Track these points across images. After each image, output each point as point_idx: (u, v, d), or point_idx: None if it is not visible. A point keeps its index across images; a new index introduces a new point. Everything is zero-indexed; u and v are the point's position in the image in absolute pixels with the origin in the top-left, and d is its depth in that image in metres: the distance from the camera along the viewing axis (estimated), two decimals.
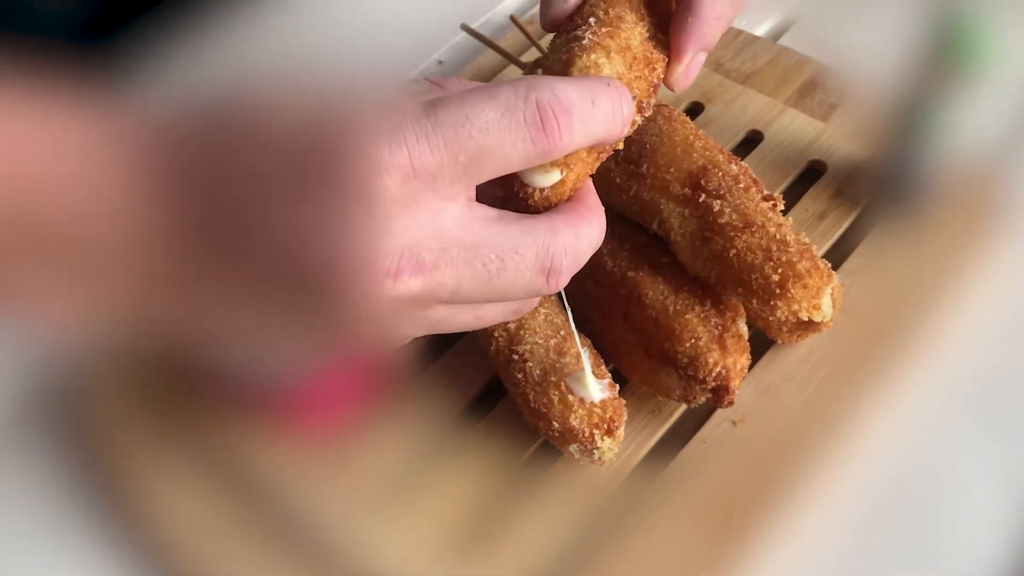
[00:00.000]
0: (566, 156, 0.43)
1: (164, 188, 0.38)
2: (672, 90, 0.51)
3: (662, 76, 0.49)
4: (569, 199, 0.45)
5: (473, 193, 0.41)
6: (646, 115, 0.48)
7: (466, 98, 0.39)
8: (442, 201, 0.39)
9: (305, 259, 0.38)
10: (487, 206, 0.42)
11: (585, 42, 0.46)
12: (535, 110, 0.40)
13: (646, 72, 0.48)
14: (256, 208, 0.38)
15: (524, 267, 0.41)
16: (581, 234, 0.44)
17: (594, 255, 0.58)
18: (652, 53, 0.48)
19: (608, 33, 0.46)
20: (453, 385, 0.60)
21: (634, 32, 0.47)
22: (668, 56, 0.50)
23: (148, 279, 0.40)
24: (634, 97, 0.46)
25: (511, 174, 0.43)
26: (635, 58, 0.47)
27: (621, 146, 0.47)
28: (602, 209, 0.46)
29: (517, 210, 0.44)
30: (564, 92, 0.41)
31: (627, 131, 0.45)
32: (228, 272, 0.40)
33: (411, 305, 0.40)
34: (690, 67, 0.51)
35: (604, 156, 0.46)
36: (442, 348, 0.62)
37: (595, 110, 0.42)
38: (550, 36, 0.51)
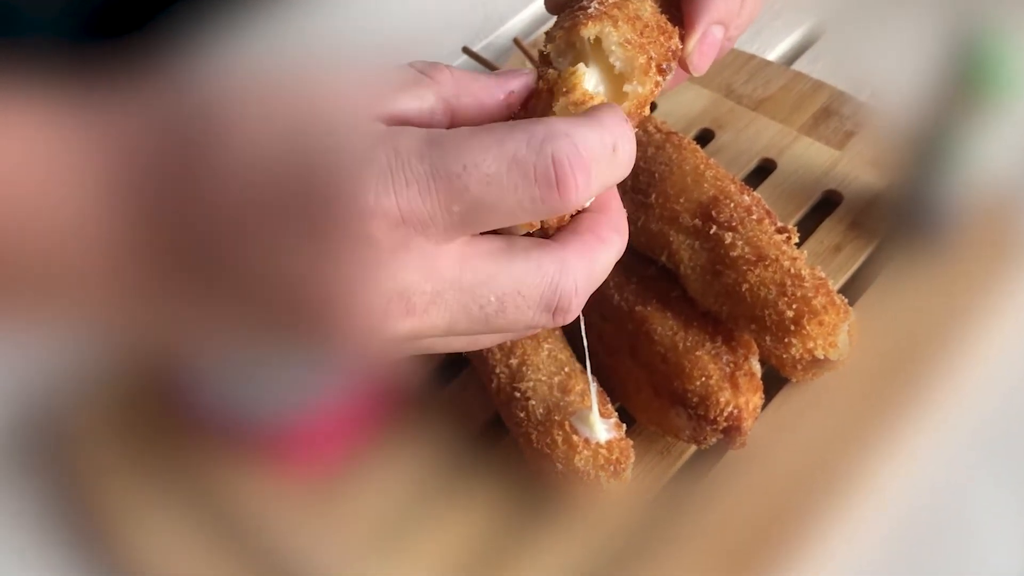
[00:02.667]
0: None
1: (137, 207, 0.37)
2: (689, 71, 0.49)
3: (680, 47, 0.47)
4: (587, 210, 0.42)
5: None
6: (668, 76, 0.46)
7: (471, 141, 0.36)
8: (435, 245, 0.37)
9: (289, 299, 0.37)
10: (493, 236, 0.39)
11: (591, 11, 0.44)
12: (549, 165, 0.36)
13: (661, 39, 0.45)
14: (238, 240, 0.37)
15: (526, 307, 0.39)
16: (597, 261, 0.41)
17: (600, 288, 0.58)
18: (666, 24, 0.46)
19: (616, 4, 0.44)
20: (453, 422, 0.60)
21: (644, 4, 0.46)
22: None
23: (125, 300, 0.39)
24: (651, 59, 0.44)
25: None
26: (646, 26, 0.45)
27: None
28: (624, 219, 0.43)
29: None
30: (584, 141, 0.37)
31: (655, 94, 0.44)
32: (207, 301, 0.39)
33: (401, 343, 0.39)
34: (705, 44, 0.48)
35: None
36: (442, 383, 0.61)
37: (615, 158, 0.39)
38: None
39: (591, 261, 0.41)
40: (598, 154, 0.37)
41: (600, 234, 0.41)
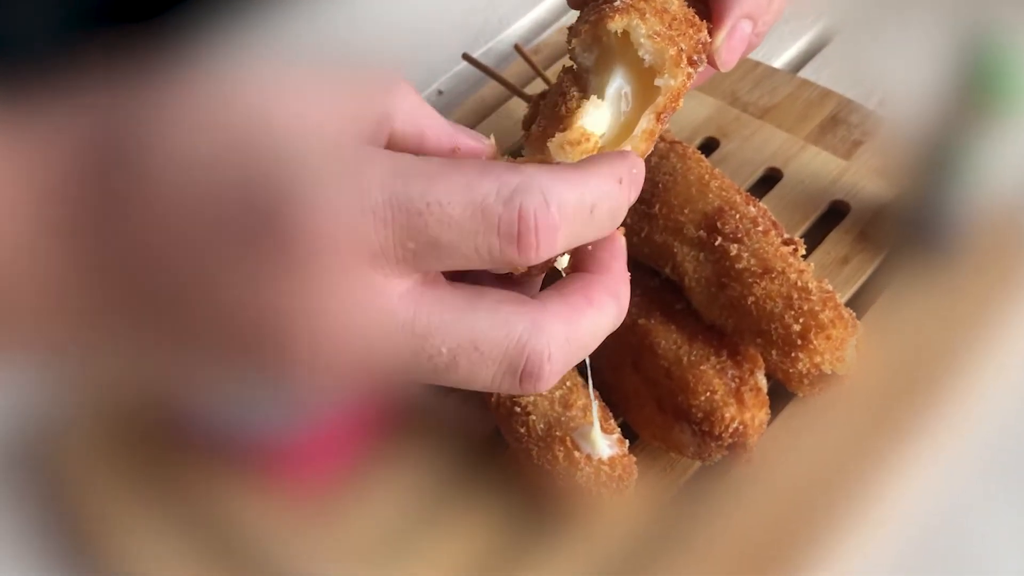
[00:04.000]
0: None
1: (71, 228, 0.35)
2: (717, 67, 0.48)
3: (708, 41, 0.46)
4: (582, 264, 0.40)
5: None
6: (699, 69, 0.45)
7: (439, 179, 0.34)
8: (385, 278, 0.35)
9: (224, 325, 0.35)
10: (456, 284, 0.37)
11: (617, 4, 0.43)
12: (514, 220, 0.34)
13: (690, 31, 0.44)
14: (171, 262, 0.35)
15: (483, 366, 0.36)
16: (581, 326, 0.38)
17: None
18: (694, 17, 0.46)
19: None
20: (452, 435, 0.60)
21: None
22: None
23: (74, 330, 0.37)
24: (681, 51, 0.43)
25: None
26: (674, 18, 0.44)
27: (681, 104, 0.44)
28: (626, 283, 0.40)
29: None
30: (559, 200, 0.35)
31: (687, 86, 0.42)
32: (149, 327, 0.37)
33: (352, 375, 0.36)
34: (734, 38, 0.47)
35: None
36: (441, 396, 0.61)
37: (592, 219, 0.36)
38: (556, 66, 0.50)
39: (573, 325, 0.37)
40: (571, 214, 0.36)
41: (590, 296, 0.38)
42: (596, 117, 0.42)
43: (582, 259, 0.40)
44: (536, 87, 0.73)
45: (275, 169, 0.34)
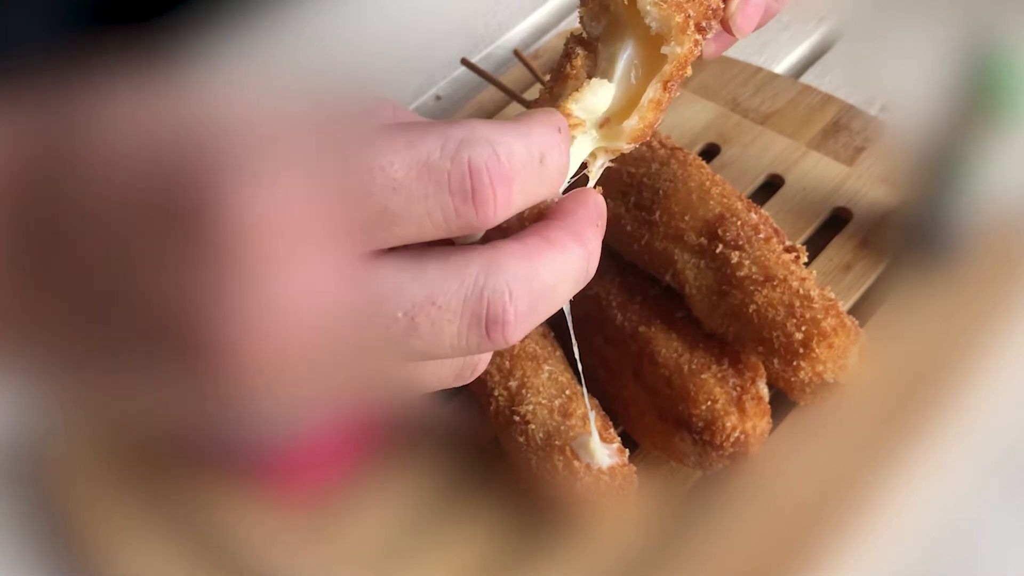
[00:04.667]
0: None
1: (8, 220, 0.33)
2: (732, 33, 0.46)
3: (721, 6, 0.45)
4: (549, 211, 0.38)
5: None
6: (709, 35, 0.44)
7: (378, 141, 0.32)
8: (331, 258, 0.32)
9: (151, 319, 0.32)
10: (399, 250, 0.34)
11: None
12: (465, 174, 0.32)
13: None
14: (94, 252, 0.32)
15: (445, 321, 0.33)
16: (542, 264, 0.35)
17: (603, 309, 0.58)
18: None
19: None
20: (451, 445, 0.60)
21: None
22: None
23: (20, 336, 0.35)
24: (688, 17, 0.42)
25: None
26: None
27: (690, 72, 0.43)
28: (592, 228, 0.38)
29: None
30: (507, 150, 0.33)
31: (694, 54, 0.41)
32: (80, 328, 0.34)
33: (298, 380, 0.33)
34: (749, 4, 0.45)
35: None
36: (439, 405, 0.61)
37: (543, 171, 0.35)
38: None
39: (533, 263, 0.35)
40: (522, 165, 0.34)
41: (547, 235, 0.36)
42: (597, 97, 0.41)
43: (549, 209, 0.38)
44: (535, 92, 0.73)
45: (200, 155, 0.31)
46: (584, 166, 0.43)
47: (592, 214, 0.38)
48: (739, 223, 0.56)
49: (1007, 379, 0.58)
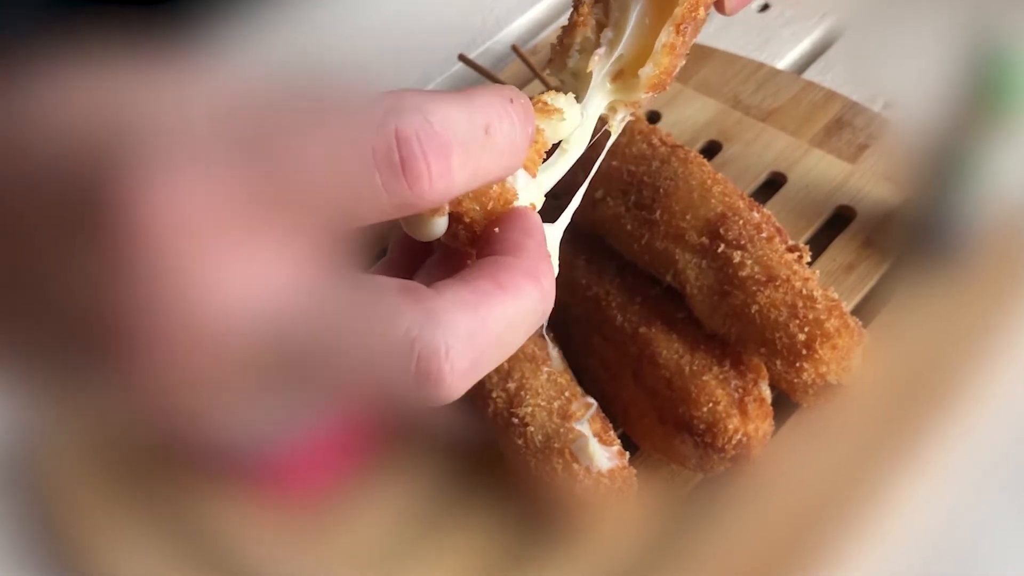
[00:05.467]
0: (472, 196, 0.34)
1: None
2: (722, 11, 0.45)
3: None
4: (490, 249, 0.35)
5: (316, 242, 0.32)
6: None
7: (292, 113, 0.30)
8: (244, 251, 0.29)
9: (71, 321, 0.30)
10: (344, 269, 0.32)
11: None
12: (391, 144, 0.29)
13: None
14: (15, 249, 0.31)
15: (363, 368, 0.30)
16: (490, 315, 0.32)
17: (602, 309, 0.58)
18: None
19: None
20: (449, 447, 0.59)
21: None
22: None
23: None
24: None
25: None
26: None
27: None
28: (546, 262, 0.35)
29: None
30: (444, 119, 0.30)
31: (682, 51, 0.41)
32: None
33: (211, 385, 0.31)
34: None
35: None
36: (436, 409, 0.61)
37: (489, 142, 0.32)
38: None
39: (479, 314, 0.31)
40: (463, 134, 0.31)
41: (499, 279, 0.32)
42: (565, 122, 0.40)
43: (489, 243, 0.35)
44: (534, 88, 0.73)
45: (109, 149, 0.29)
46: (603, 122, 0.42)
47: (541, 243, 0.35)
48: (741, 222, 0.56)
49: (1011, 380, 0.58)
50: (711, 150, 0.73)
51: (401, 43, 0.81)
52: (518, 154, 0.34)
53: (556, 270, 0.38)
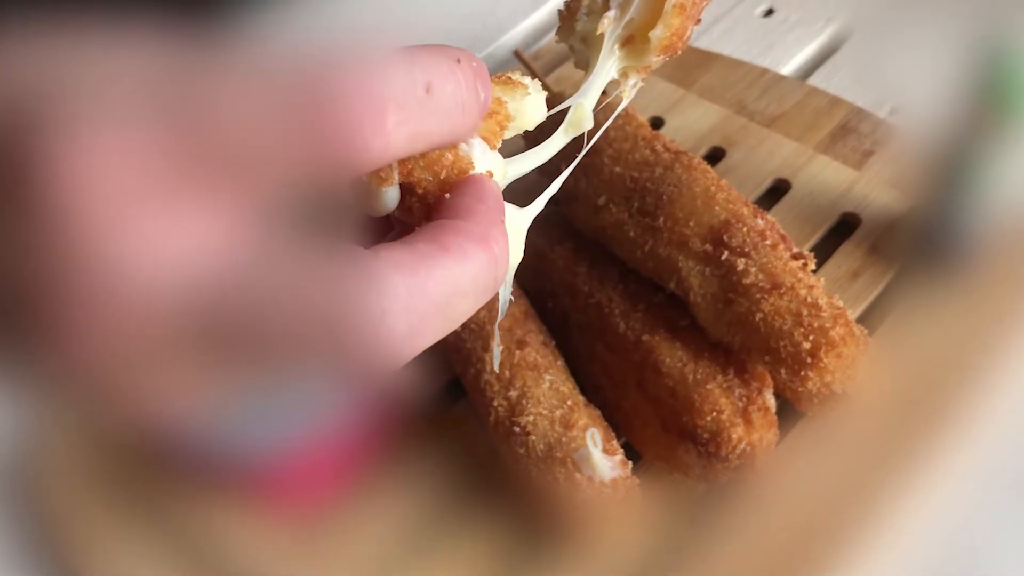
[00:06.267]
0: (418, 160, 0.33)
1: None
2: None
3: None
4: (438, 214, 0.33)
5: (248, 204, 0.30)
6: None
7: (225, 74, 0.28)
8: (169, 213, 0.28)
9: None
10: (270, 230, 0.30)
11: None
12: (320, 100, 0.28)
13: None
14: None
15: (288, 334, 0.29)
16: (431, 278, 0.30)
17: (605, 316, 0.58)
18: None
19: None
20: (451, 456, 0.59)
21: None
22: None
23: None
24: None
25: None
26: None
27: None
28: (498, 226, 0.33)
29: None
30: (378, 71, 0.29)
31: (681, 43, 0.40)
32: None
33: (140, 356, 0.29)
34: None
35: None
36: (437, 416, 0.61)
37: (430, 101, 0.30)
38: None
39: (419, 277, 0.30)
40: (400, 90, 0.29)
41: (443, 242, 0.31)
42: (530, 103, 0.38)
43: (439, 210, 0.33)
44: None
45: (24, 113, 0.28)
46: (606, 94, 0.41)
47: (494, 209, 0.33)
48: (745, 229, 0.56)
49: (1018, 388, 0.58)
50: (715, 156, 0.72)
51: (404, 46, 0.81)
52: (467, 118, 0.32)
53: (520, 255, 0.37)
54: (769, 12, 0.86)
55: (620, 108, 0.42)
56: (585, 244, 0.62)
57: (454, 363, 0.59)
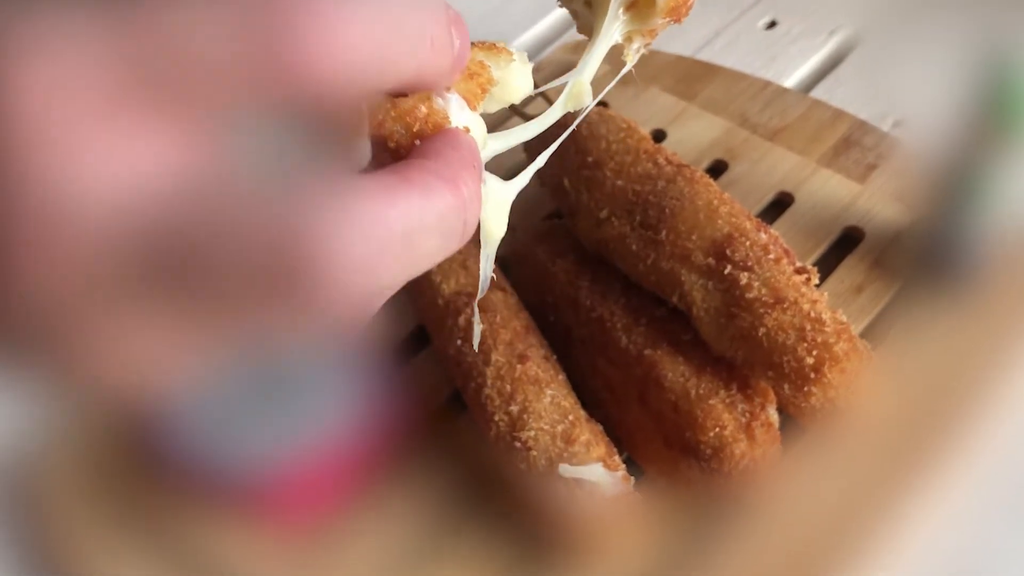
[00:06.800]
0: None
1: None
2: None
3: None
4: (412, 151, 0.32)
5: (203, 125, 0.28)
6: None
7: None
8: (127, 134, 0.27)
9: None
10: (224, 153, 0.29)
11: None
12: (269, 10, 0.27)
13: None
14: None
15: (233, 265, 0.27)
16: (391, 207, 0.29)
17: (606, 330, 0.58)
18: None
19: None
20: (450, 471, 0.59)
21: None
22: None
23: None
24: None
25: None
26: None
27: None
28: (469, 171, 0.32)
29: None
30: None
31: (657, 30, 0.40)
32: None
33: (82, 276, 0.28)
34: None
35: None
36: (437, 431, 0.61)
37: (398, 26, 0.29)
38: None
39: (380, 203, 0.28)
40: (364, 10, 0.28)
41: (407, 175, 0.29)
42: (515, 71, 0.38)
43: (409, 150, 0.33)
44: (538, 107, 0.72)
45: None
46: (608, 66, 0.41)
47: (467, 155, 0.32)
48: (748, 243, 0.56)
49: (1023, 403, 0.58)
50: (717, 169, 0.72)
51: None
52: (438, 57, 0.31)
53: (504, 230, 0.36)
54: (772, 24, 0.86)
55: (623, 72, 0.42)
56: (587, 258, 0.62)
57: (454, 377, 0.59)
